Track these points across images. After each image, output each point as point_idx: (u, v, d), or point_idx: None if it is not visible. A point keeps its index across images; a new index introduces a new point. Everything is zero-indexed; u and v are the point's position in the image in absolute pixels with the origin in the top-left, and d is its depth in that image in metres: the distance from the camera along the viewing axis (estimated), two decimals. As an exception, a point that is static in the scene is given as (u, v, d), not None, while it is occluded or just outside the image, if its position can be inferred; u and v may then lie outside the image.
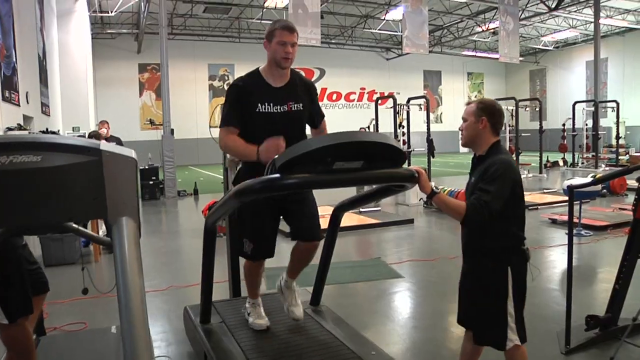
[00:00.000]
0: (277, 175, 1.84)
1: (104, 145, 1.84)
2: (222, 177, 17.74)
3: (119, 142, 8.23)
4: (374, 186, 2.59)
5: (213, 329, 3.10)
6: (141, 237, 1.90)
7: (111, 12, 18.61)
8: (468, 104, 2.58)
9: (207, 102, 26.20)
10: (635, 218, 3.49)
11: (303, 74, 3.16)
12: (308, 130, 3.08)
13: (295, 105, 2.87)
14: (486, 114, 2.46)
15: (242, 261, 3.24)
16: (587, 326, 3.58)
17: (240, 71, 28.26)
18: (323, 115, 3.11)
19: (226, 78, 26.46)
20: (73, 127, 13.54)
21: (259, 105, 2.81)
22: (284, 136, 2.86)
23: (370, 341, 3.09)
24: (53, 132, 9.17)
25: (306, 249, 3.02)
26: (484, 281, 2.47)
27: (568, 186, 3.38)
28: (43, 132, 8.91)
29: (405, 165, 2.10)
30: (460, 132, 2.61)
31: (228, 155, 3.72)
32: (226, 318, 3.21)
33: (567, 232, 7.07)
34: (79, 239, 6.21)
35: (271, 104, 2.82)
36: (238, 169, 3.07)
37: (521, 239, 2.47)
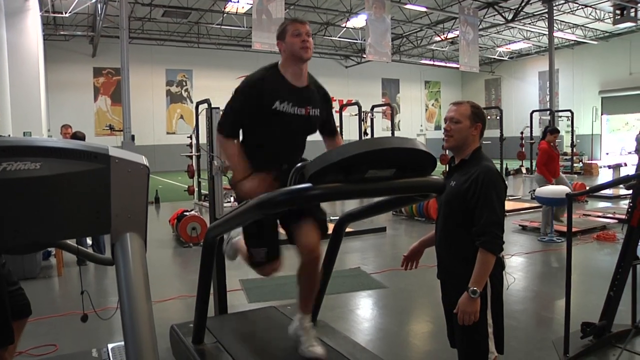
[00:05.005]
0: (308, 184, 1.67)
1: (113, 150, 1.63)
2: (182, 185, 16.90)
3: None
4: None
5: (208, 350, 2.86)
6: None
7: (65, 12, 17.80)
8: (458, 104, 2.39)
9: (165, 107, 25.53)
10: (630, 225, 3.48)
11: None
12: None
13: (313, 111, 2.66)
14: (481, 120, 2.36)
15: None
16: (582, 333, 3.56)
17: (199, 77, 27.63)
18: (336, 127, 2.92)
19: (184, 84, 25.89)
20: (24, 132, 12.84)
21: (277, 102, 2.54)
22: (294, 141, 2.68)
23: (378, 357, 2.93)
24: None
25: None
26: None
27: (567, 194, 3.34)
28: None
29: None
30: (445, 132, 2.39)
31: (222, 162, 3.49)
32: (220, 337, 2.98)
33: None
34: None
35: (290, 104, 2.57)
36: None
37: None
